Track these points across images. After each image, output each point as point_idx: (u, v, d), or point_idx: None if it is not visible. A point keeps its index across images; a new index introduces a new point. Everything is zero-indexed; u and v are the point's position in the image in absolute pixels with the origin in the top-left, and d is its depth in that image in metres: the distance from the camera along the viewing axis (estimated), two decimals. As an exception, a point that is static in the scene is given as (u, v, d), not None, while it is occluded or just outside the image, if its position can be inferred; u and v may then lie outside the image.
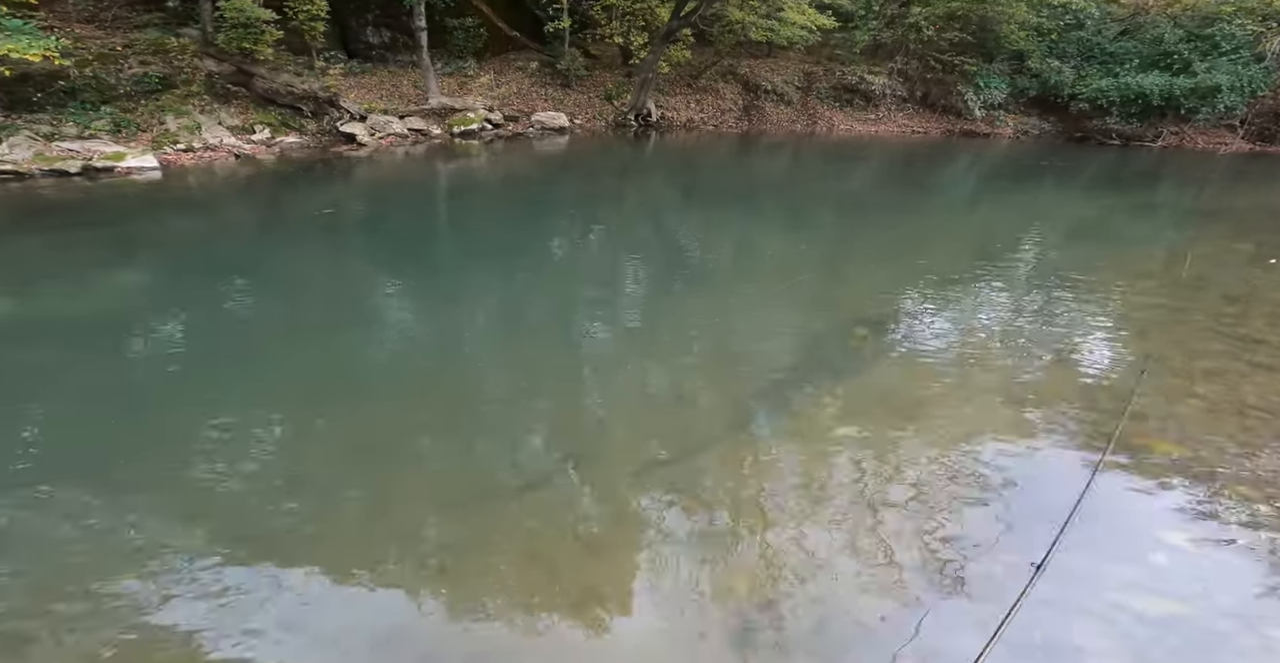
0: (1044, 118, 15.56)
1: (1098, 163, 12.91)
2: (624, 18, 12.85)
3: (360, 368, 3.85)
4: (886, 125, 15.05)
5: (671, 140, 12.63)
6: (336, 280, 5.25)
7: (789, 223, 7.62)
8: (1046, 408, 3.59)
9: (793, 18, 12.73)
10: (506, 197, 8.30)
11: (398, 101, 11.11)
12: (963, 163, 12.42)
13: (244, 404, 3.36)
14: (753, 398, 3.57)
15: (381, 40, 12.18)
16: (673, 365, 4.03)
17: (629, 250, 6.41)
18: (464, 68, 12.40)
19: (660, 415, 3.42)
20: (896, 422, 3.38)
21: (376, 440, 3.12)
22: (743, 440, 3.20)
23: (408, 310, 4.75)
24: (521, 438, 3.26)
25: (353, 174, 8.99)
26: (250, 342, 4.14)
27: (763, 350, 4.19)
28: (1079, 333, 4.63)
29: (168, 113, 9.67)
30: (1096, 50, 15.04)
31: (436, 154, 10.14)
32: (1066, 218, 8.34)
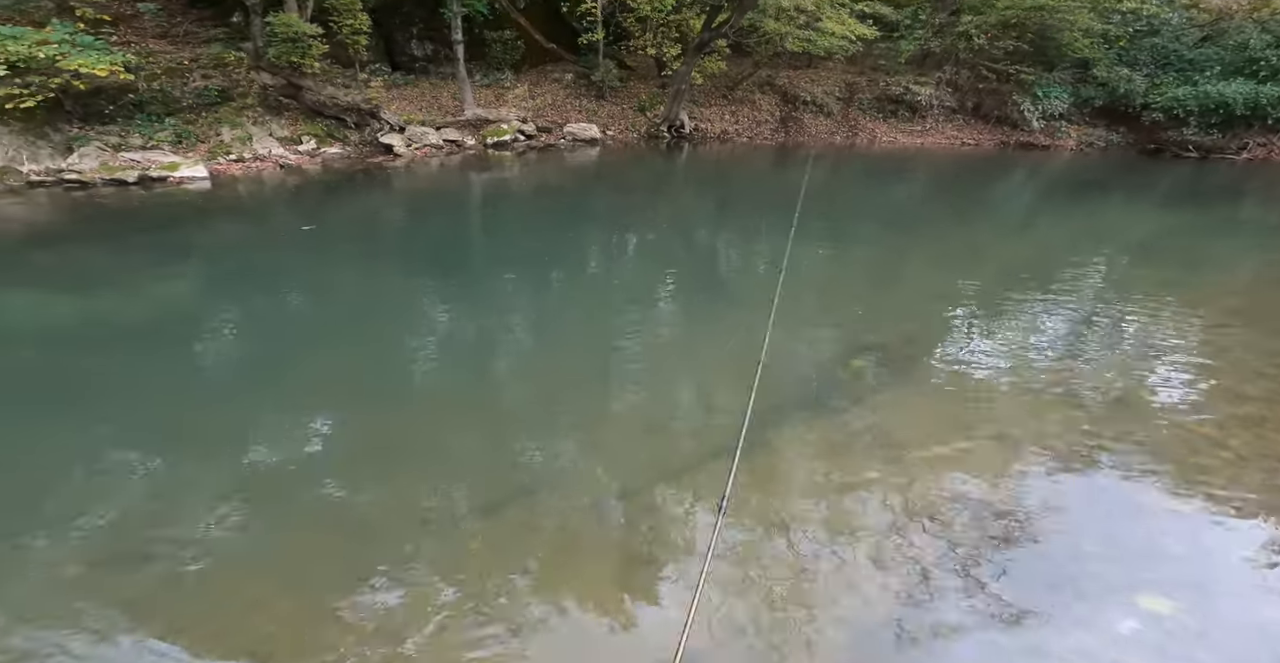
0: (1112, 129, 14.38)
1: (1172, 177, 11.79)
2: (657, 30, 12.72)
3: (381, 373, 3.95)
4: (933, 137, 14.26)
5: (704, 152, 12.35)
6: (360, 289, 5.38)
7: (819, 239, 7.17)
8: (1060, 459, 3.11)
9: (831, 28, 12.25)
10: (530, 208, 8.23)
11: (436, 113, 11.33)
12: (1018, 176, 11.57)
13: (271, 404, 3.64)
14: (733, 430, 3.26)
15: (424, 53, 12.51)
16: (663, 389, 3.87)
17: (645, 265, 6.18)
18: (501, 79, 12.56)
19: (634, 442, 3.31)
20: (875, 464, 3.11)
21: (392, 442, 3.28)
22: (709, 474, 2.99)
23: (430, 319, 4.88)
24: (505, 453, 3.21)
25: (385, 185, 9.16)
26: (275, 346, 4.32)
27: (764, 376, 3.85)
28: (1126, 369, 4.02)
29: (224, 125, 10.17)
30: (1173, 57, 13.83)
31: (468, 165, 10.24)
32: (1132, 237, 7.54)
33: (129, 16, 11.01)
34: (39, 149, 9.17)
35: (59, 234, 6.60)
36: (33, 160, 9.02)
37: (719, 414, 3.50)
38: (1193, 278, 5.88)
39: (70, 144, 9.22)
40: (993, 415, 3.52)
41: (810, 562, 2.50)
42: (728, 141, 13.37)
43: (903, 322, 4.69)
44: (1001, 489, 2.93)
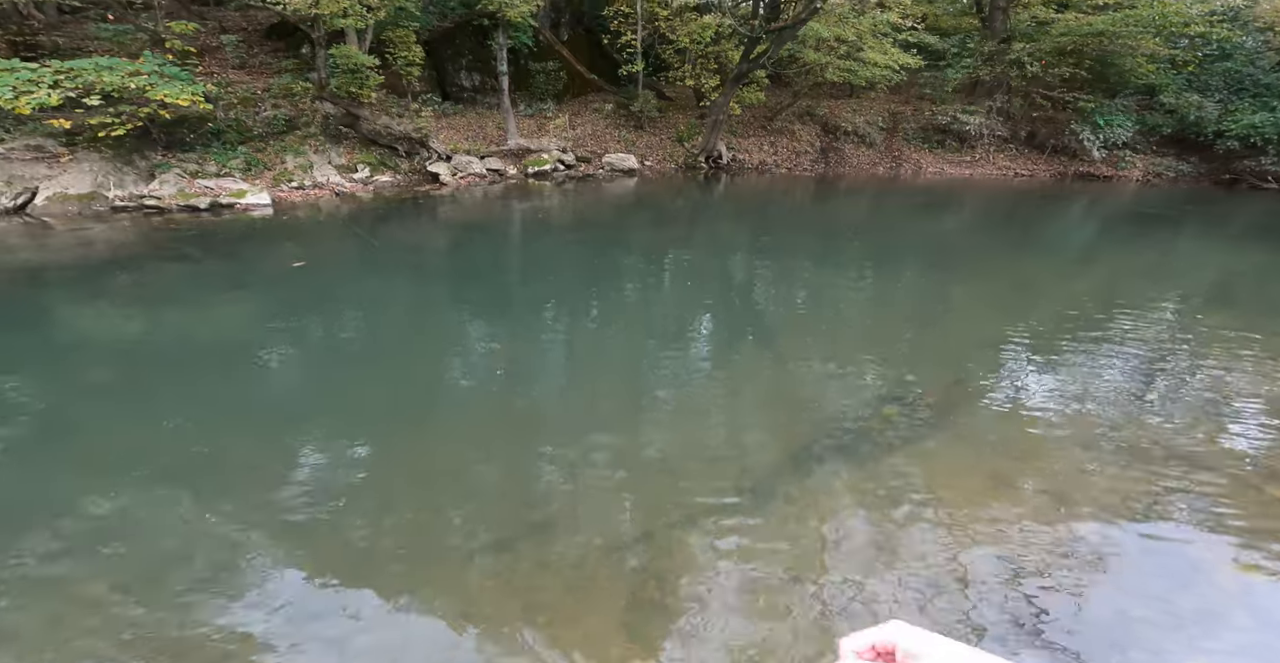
0: (1182, 158, 13.41)
1: (1250, 209, 10.79)
2: (696, 61, 12.79)
3: (409, 400, 3.96)
4: (984, 167, 13.64)
5: (741, 183, 12.19)
6: (398, 315, 5.51)
7: (860, 275, 6.82)
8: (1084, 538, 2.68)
9: (873, 58, 11.99)
10: (566, 239, 8.21)
11: (480, 142, 11.65)
12: (1077, 209, 10.83)
13: (297, 424, 3.67)
14: (754, 477, 3.16)
15: (473, 83, 12.97)
16: (688, 428, 3.68)
17: (678, 298, 5.99)
18: (544, 109, 12.86)
19: (655, 483, 3.13)
20: (904, 519, 2.84)
21: (414, 469, 3.26)
22: (728, 519, 2.85)
23: (464, 347, 4.94)
24: (523, 487, 3.13)
25: (429, 212, 9.38)
26: (314, 367, 4.46)
27: (793, 419, 3.76)
28: (1192, 427, 3.54)
29: (288, 153, 10.75)
30: (1248, 82, 12.86)
31: (509, 194, 10.41)
32: (1205, 277, 6.87)
33: (213, 48, 11.90)
34: (125, 175, 9.90)
35: (137, 256, 7.04)
36: (119, 186, 9.73)
37: (745, 457, 3.36)
38: (1274, 324, 5.21)
39: (153, 170, 9.91)
40: (1035, 470, 3.20)
41: (829, 619, 2.32)
42: (766, 172, 13.17)
43: (944, 366, 4.36)
44: (1043, 551, 2.68)
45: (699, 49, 12.72)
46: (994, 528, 2.75)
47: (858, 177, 13.10)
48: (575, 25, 15.07)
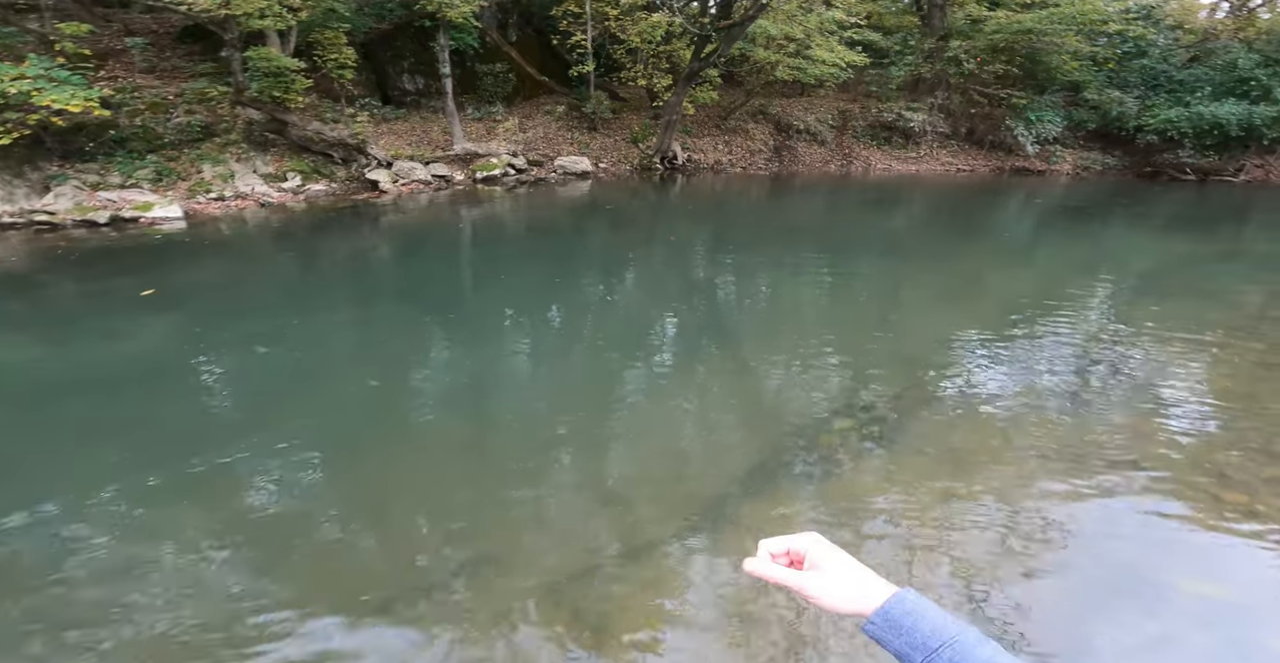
0: (1107, 152, 13.98)
1: (1172, 201, 11.24)
2: (648, 60, 12.45)
3: (342, 424, 3.56)
4: (928, 164, 13.86)
5: (697, 183, 11.90)
6: (328, 333, 4.83)
7: (813, 276, 6.57)
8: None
9: (821, 56, 11.96)
10: (515, 246, 7.62)
11: (425, 147, 10.93)
12: (1015, 204, 11.02)
13: (213, 452, 3.20)
14: (703, 503, 2.87)
15: (416, 87, 12.19)
16: (633, 452, 3.35)
17: (629, 307, 5.54)
18: (493, 112, 12.21)
19: (597, 514, 2.84)
20: (853, 550, 2.45)
21: (340, 501, 2.94)
22: (669, 554, 2.56)
23: (401, 367, 4.35)
24: (455, 521, 2.78)
25: (368, 222, 8.58)
26: (237, 392, 3.96)
27: (744, 439, 3.48)
28: (1144, 433, 3.35)
29: (205, 161, 9.74)
30: (1163, 78, 13.48)
31: (457, 201, 9.74)
32: (1135, 269, 6.88)
33: (118, 51, 10.69)
34: (15, 188, 8.69)
35: (23, 279, 6.10)
36: (8, 200, 8.52)
37: (691, 482, 3.08)
38: (1203, 313, 5.28)
39: (47, 183, 8.77)
40: (989, 480, 2.98)
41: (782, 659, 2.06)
42: (721, 172, 12.94)
43: (895, 372, 4.11)
44: (998, 562, 2.50)
45: (651, 48, 12.37)
46: (950, 542, 2.58)
47: (811, 175, 13.04)
48: (524, 26, 14.45)
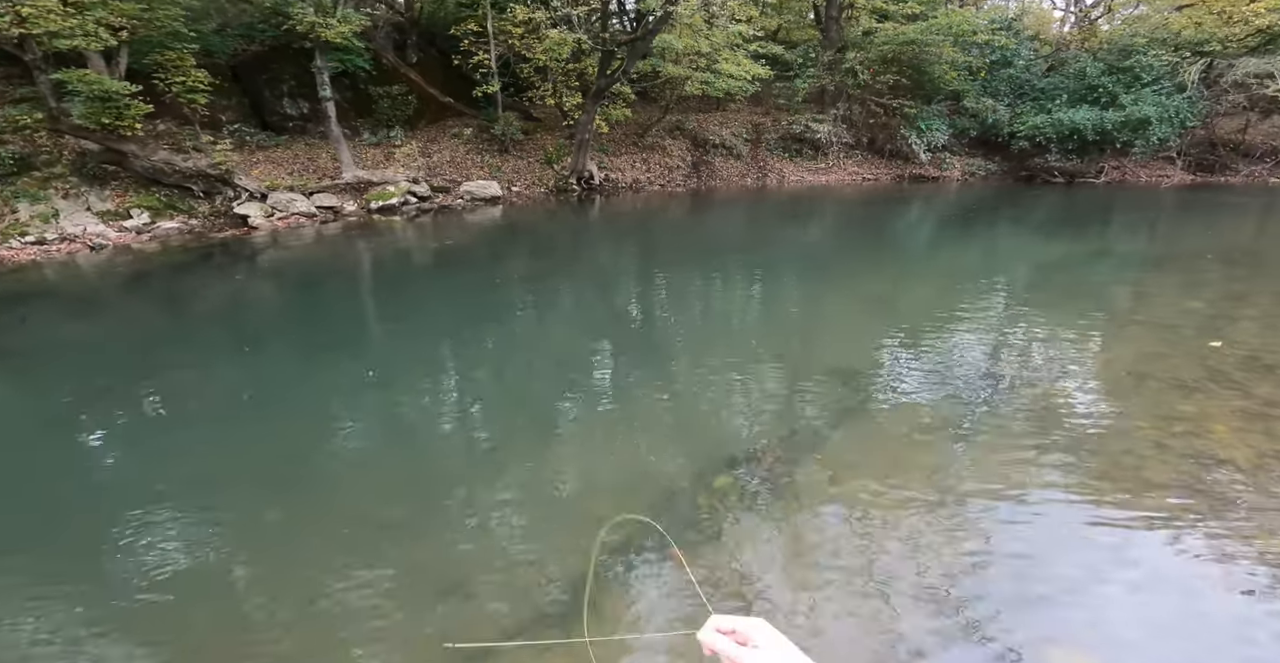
0: (989, 158, 14.59)
1: (1046, 203, 11.52)
2: (557, 79, 11.62)
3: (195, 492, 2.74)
4: (837, 174, 13.89)
5: (616, 204, 11.10)
6: (172, 407, 3.55)
7: (732, 294, 5.89)
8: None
9: (728, 70, 11.65)
10: (409, 283, 6.33)
11: (310, 177, 9.41)
12: (914, 211, 10.88)
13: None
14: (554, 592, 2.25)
15: (299, 111, 10.61)
16: (491, 530, 2.62)
17: (531, 349, 4.41)
18: (391, 137, 10.87)
19: (427, 610, 2.20)
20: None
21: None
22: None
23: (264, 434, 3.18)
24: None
25: (231, 263, 6.81)
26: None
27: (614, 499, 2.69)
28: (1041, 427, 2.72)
29: (21, 199, 7.72)
30: (1027, 87, 14.03)
31: (348, 234, 8.27)
32: (1023, 268, 6.64)
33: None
34: None
35: None
36: None
37: (549, 564, 2.39)
38: (1086, 307, 5.10)
39: None
40: (878, 552, 2.39)
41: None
42: (640, 190, 12.19)
43: (787, 413, 3.42)
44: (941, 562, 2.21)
45: (559, 66, 11.53)
46: (886, 534, 2.31)
47: (729, 189, 12.58)
48: (426, 47, 13.15)
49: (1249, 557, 2.33)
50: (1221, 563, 2.31)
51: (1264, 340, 4.22)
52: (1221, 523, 2.51)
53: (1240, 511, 2.55)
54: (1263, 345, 4.12)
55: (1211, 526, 2.49)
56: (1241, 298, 5.28)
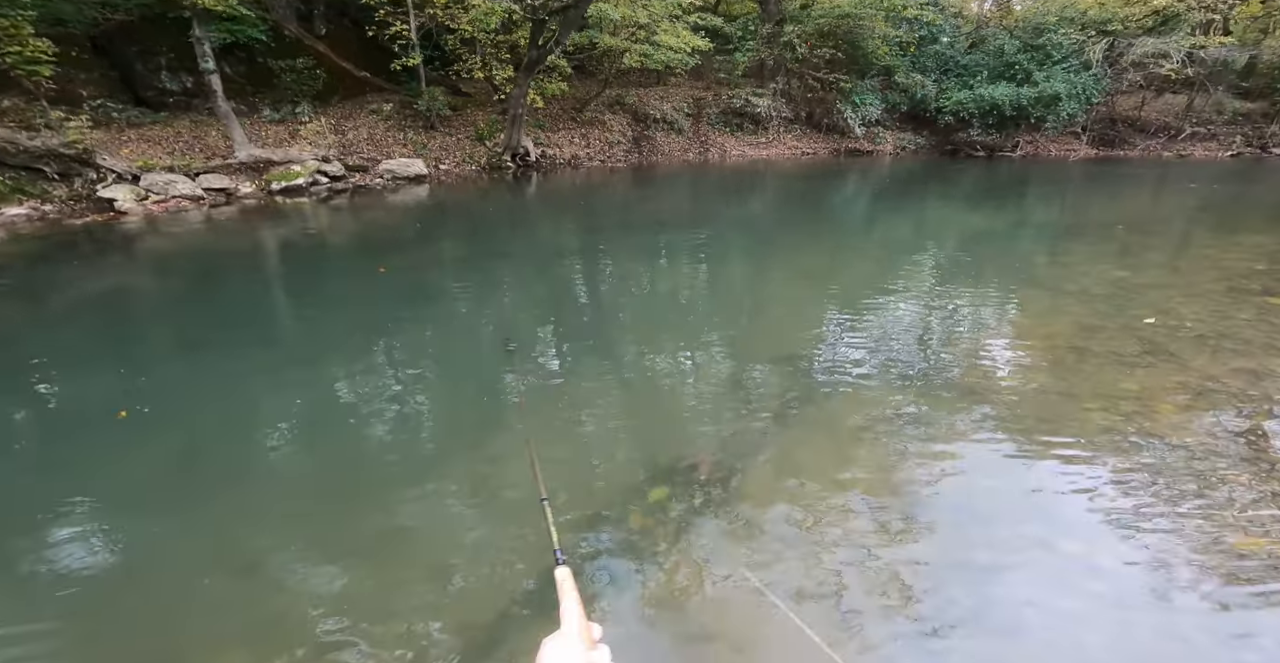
0: (918, 133, 14.76)
1: (969, 176, 11.56)
2: (486, 51, 10.63)
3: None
4: (777, 148, 13.64)
5: (554, 181, 10.35)
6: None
7: (659, 281, 5.42)
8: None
9: (667, 41, 11.04)
10: (308, 275, 5.43)
11: (196, 156, 8.10)
12: (850, 186, 10.57)
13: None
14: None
15: (182, 86, 9.11)
16: (402, 565, 2.00)
17: (443, 342, 3.76)
18: (297, 114, 9.60)
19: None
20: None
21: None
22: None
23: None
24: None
25: (92, 254, 5.59)
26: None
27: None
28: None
29: None
30: (952, 64, 14.10)
31: (245, 218, 7.13)
32: (949, 243, 6.40)
33: None
34: None
35: None
36: None
37: (465, 600, 1.85)
38: (1009, 283, 4.87)
39: None
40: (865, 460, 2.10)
41: None
42: (579, 166, 11.45)
43: (726, 408, 2.92)
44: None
45: (488, 38, 10.53)
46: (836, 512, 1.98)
47: (670, 164, 12.01)
48: (337, 17, 11.73)
49: (1192, 526, 2.15)
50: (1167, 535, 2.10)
51: (1192, 310, 4.05)
52: (1171, 496, 2.32)
53: (1185, 481, 2.36)
54: (1192, 314, 3.96)
55: (1163, 498, 2.30)
56: (1161, 266, 5.23)
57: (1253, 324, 3.75)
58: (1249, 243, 5.91)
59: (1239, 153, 14.52)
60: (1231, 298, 4.23)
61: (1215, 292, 4.36)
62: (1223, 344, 3.45)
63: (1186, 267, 5.08)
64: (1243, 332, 3.63)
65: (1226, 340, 3.51)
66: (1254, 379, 3.09)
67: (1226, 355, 3.35)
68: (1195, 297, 4.26)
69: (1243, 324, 3.75)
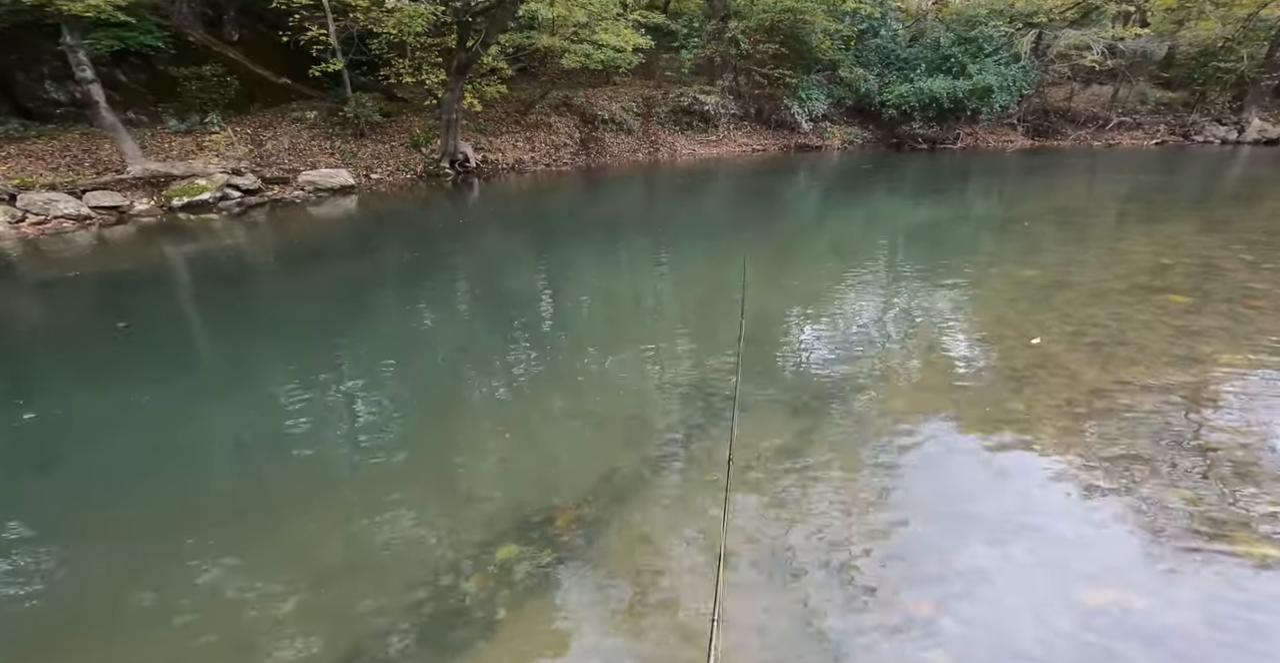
0: (864, 126, 14.62)
1: (914, 169, 11.29)
2: (415, 54, 9.93)
3: None
4: (727, 146, 13.29)
5: (496, 187, 9.72)
6: None
7: (627, 282, 5.01)
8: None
9: (607, 40, 10.53)
10: (202, 299, 4.73)
11: (84, 172, 7.17)
12: (800, 182, 10.35)
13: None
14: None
15: (71, 96, 8.09)
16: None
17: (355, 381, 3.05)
18: (206, 124, 8.72)
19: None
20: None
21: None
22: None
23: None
24: None
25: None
26: None
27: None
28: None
29: None
30: (893, 57, 13.86)
31: (143, 237, 6.23)
32: (899, 237, 6.17)
33: None
34: None
35: None
36: None
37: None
38: (957, 264, 4.72)
39: None
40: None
41: None
42: (523, 171, 10.80)
43: (605, 455, 2.41)
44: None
45: (417, 41, 9.84)
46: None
47: (620, 166, 11.50)
48: (254, 22, 10.81)
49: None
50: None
51: (1091, 313, 3.74)
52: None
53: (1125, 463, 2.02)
54: (1090, 318, 3.65)
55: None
56: (1070, 264, 4.87)
57: (1150, 326, 3.49)
58: (1161, 233, 5.79)
59: (1163, 141, 14.92)
60: (1133, 297, 3.98)
61: (1117, 290, 4.12)
62: (1117, 352, 3.17)
63: (1095, 261, 4.85)
64: (1139, 336, 3.36)
65: (1122, 348, 3.23)
66: (1139, 394, 2.79)
67: (1118, 366, 3.06)
68: (1098, 297, 3.99)
69: (1140, 327, 3.49)
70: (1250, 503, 2.06)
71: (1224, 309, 3.72)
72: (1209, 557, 1.85)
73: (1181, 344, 3.26)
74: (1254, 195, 8.07)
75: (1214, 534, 1.91)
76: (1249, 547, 1.87)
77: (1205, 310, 3.73)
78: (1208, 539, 1.91)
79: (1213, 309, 3.74)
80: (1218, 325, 3.50)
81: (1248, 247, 5.09)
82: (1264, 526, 1.94)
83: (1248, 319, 3.55)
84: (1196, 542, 1.91)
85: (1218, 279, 4.32)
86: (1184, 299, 3.92)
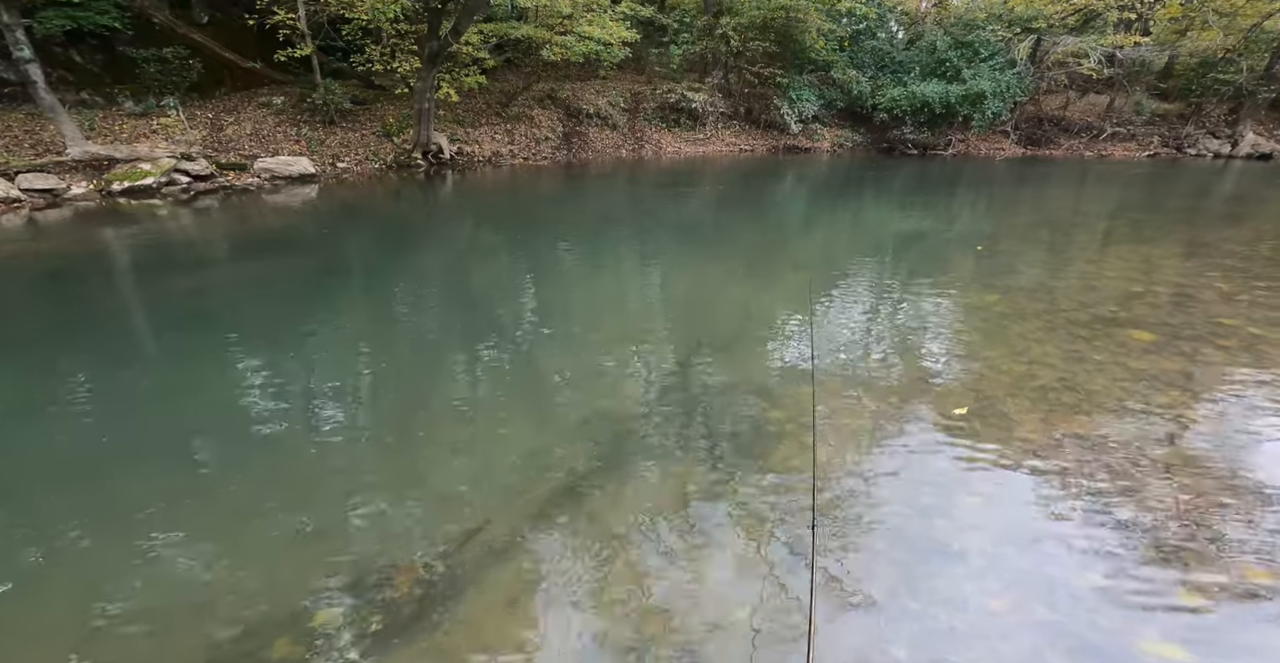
0: (855, 129, 14.07)
1: (903, 175, 10.67)
2: (389, 41, 9.40)
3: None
4: (715, 145, 12.77)
5: (470, 180, 9.22)
6: None
7: (558, 306, 4.60)
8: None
9: (591, 33, 10.00)
10: (127, 295, 4.45)
11: (21, 153, 6.76)
12: (788, 186, 9.82)
13: None
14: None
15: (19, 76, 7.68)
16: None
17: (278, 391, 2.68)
18: (163, 107, 8.23)
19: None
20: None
21: None
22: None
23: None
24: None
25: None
26: None
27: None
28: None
29: None
30: (888, 60, 13.26)
31: (77, 223, 5.90)
32: (888, 247, 5.76)
33: None
34: None
35: None
36: None
37: None
38: (950, 272, 4.35)
39: None
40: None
41: None
42: (500, 165, 10.28)
43: (476, 502, 2.02)
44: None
45: (391, 27, 9.31)
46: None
47: (601, 162, 10.97)
48: (227, 5, 10.23)
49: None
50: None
51: (1045, 350, 3.35)
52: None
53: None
54: (1043, 356, 3.28)
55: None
56: (1033, 290, 4.40)
57: (1103, 368, 3.12)
58: (1137, 255, 5.38)
59: (1155, 153, 14.44)
60: (1092, 331, 3.55)
61: (1079, 323, 3.72)
62: (1062, 399, 2.81)
63: (1062, 287, 4.48)
64: (1090, 381, 3.00)
65: (1067, 394, 2.86)
66: (1081, 452, 2.44)
67: (1061, 415, 2.71)
68: (1055, 331, 3.58)
69: (1092, 369, 3.12)
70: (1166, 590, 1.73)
71: (1187, 350, 3.36)
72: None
73: (1136, 393, 2.92)
74: (1238, 215, 7.67)
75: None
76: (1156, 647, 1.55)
77: (1167, 350, 3.37)
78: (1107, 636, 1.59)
79: (1175, 349, 3.37)
80: (1177, 368, 3.15)
81: (1223, 273, 4.72)
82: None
83: (1211, 363, 3.21)
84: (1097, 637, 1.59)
85: (1188, 311, 3.95)
86: (1148, 336, 3.56)
